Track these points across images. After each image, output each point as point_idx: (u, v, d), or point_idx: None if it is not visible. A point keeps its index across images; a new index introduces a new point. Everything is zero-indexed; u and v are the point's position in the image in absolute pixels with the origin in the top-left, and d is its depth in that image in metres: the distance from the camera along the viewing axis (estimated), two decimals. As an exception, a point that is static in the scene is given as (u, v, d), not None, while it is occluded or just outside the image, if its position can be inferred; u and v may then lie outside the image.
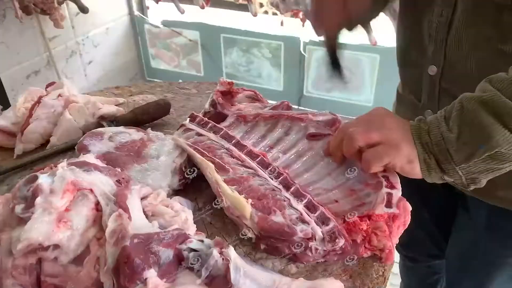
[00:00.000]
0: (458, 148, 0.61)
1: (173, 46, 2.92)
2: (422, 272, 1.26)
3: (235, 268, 0.51)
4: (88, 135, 0.78)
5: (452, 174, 0.63)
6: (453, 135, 0.61)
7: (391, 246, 0.62)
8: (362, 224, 0.61)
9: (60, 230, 0.53)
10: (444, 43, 0.77)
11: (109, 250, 0.52)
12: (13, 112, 0.85)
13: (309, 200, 0.64)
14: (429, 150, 0.63)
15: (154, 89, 1.10)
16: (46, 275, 0.52)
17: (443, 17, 0.76)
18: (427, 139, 0.63)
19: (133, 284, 0.48)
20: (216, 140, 0.76)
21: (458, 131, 0.61)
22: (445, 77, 0.80)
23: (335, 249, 0.60)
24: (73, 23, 2.38)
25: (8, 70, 2.07)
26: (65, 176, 0.57)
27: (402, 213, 0.63)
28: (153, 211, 0.60)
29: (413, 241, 1.16)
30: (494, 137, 0.58)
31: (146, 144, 0.77)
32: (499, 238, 0.89)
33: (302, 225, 0.60)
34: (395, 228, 0.62)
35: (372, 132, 0.66)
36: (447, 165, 0.62)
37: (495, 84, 0.60)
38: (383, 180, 0.66)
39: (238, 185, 0.66)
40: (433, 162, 0.63)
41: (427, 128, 0.64)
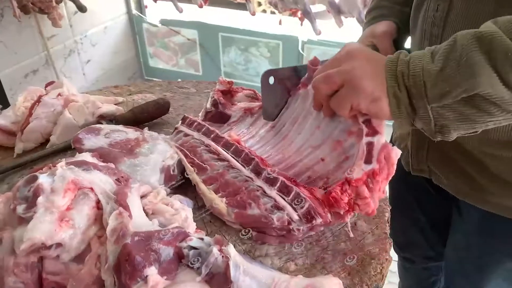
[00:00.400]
0: (436, 84, 0.55)
1: (172, 45, 2.92)
2: (419, 273, 1.26)
3: (235, 266, 0.52)
4: (85, 129, 0.78)
5: (422, 115, 0.57)
6: (436, 68, 0.54)
7: (373, 209, 0.62)
8: (343, 197, 0.60)
9: (62, 229, 0.53)
10: (439, 39, 0.75)
11: (110, 248, 0.52)
12: (12, 111, 0.85)
13: (281, 183, 0.64)
14: (403, 82, 0.57)
15: (153, 88, 1.10)
16: (48, 273, 0.52)
17: (439, 12, 0.74)
18: (404, 69, 0.56)
19: (134, 281, 0.49)
20: (197, 138, 0.78)
21: (442, 64, 0.54)
22: None
23: (317, 225, 0.62)
24: (71, 22, 2.38)
25: (6, 70, 2.07)
26: (65, 175, 0.58)
27: (383, 166, 0.60)
28: (153, 209, 0.61)
29: (409, 243, 1.17)
30: (479, 76, 0.52)
31: (140, 143, 0.77)
32: (491, 242, 0.89)
33: (278, 212, 0.62)
34: (377, 185, 0.61)
35: (332, 76, 0.61)
36: (419, 101, 0.56)
37: (500, 23, 0.53)
38: (363, 127, 0.62)
39: (215, 183, 0.69)
40: (405, 97, 0.57)
41: (408, 59, 0.57)
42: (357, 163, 0.61)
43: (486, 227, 0.88)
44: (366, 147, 0.61)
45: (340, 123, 0.68)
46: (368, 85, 0.58)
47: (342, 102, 0.61)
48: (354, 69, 0.59)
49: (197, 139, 0.78)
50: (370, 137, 0.61)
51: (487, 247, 0.90)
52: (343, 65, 0.61)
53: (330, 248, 0.64)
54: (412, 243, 1.17)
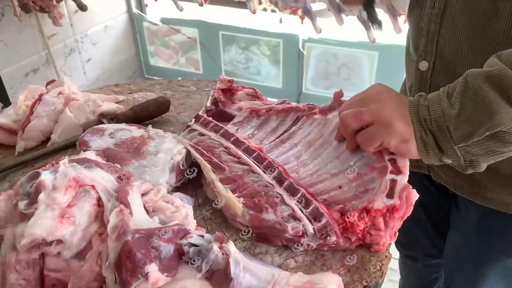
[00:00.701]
0: (458, 126, 0.57)
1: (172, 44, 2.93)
2: (420, 270, 1.27)
3: (235, 263, 0.52)
4: (89, 131, 0.78)
5: (450, 155, 0.60)
6: (454, 111, 0.57)
7: (384, 243, 0.63)
8: (359, 225, 0.61)
9: (63, 225, 0.54)
10: (436, 36, 0.76)
11: (111, 245, 0.53)
12: (13, 109, 0.86)
13: (302, 194, 0.64)
14: (427, 127, 0.60)
15: (153, 87, 1.10)
16: (49, 270, 0.53)
17: (435, 9, 0.74)
18: (425, 115, 0.59)
19: (134, 278, 0.49)
20: (215, 139, 0.77)
21: (459, 107, 0.57)
22: (436, 72, 0.79)
23: (327, 244, 0.62)
24: (71, 21, 2.38)
25: (7, 68, 2.07)
26: (67, 172, 0.58)
27: (403, 204, 0.62)
28: (153, 207, 0.61)
29: (411, 240, 1.17)
30: (498, 114, 0.55)
31: (146, 141, 0.77)
32: (490, 240, 0.89)
33: (294, 222, 0.61)
34: (393, 221, 0.62)
35: (363, 113, 0.64)
36: (446, 144, 0.59)
37: (504, 59, 0.56)
38: (388, 165, 0.64)
39: (233, 184, 0.68)
40: (431, 140, 0.60)
41: (427, 103, 0.60)
42: (379, 195, 0.62)
43: (485, 226, 0.88)
44: (390, 183, 0.62)
45: (362, 157, 0.69)
46: (399, 125, 0.61)
47: (372, 138, 0.63)
48: (385, 109, 0.62)
49: (214, 140, 0.77)
50: (394, 175, 0.63)
51: (485, 245, 0.91)
52: (373, 105, 0.63)
53: (330, 245, 0.64)
54: (414, 241, 1.18)
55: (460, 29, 0.73)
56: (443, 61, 0.77)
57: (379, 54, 2.37)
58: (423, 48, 0.79)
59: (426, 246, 1.17)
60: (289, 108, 0.82)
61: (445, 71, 0.78)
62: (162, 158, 0.74)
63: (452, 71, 0.76)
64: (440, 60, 0.78)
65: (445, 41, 0.75)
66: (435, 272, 1.25)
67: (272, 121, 0.82)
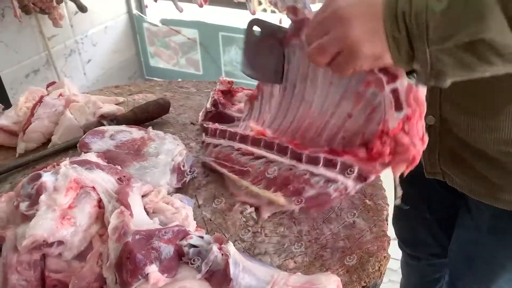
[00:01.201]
0: (440, 24, 0.50)
1: (172, 45, 2.93)
2: (423, 270, 1.27)
3: (234, 263, 0.53)
4: (90, 133, 0.79)
5: (420, 58, 0.54)
6: (441, 6, 0.50)
7: (417, 153, 0.59)
8: (385, 150, 0.59)
9: (64, 226, 0.54)
10: None
11: (111, 246, 0.53)
12: (14, 111, 0.86)
13: (324, 159, 0.65)
14: (404, 21, 0.52)
15: (153, 88, 1.11)
16: (50, 271, 0.53)
17: None
18: (405, 7, 0.51)
19: (135, 279, 0.50)
20: (226, 145, 0.78)
21: (448, 3, 0.50)
22: None
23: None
24: (71, 22, 2.39)
25: (8, 69, 2.07)
26: (68, 174, 0.59)
27: (415, 108, 0.57)
28: (154, 208, 0.61)
29: (416, 240, 1.17)
30: (487, 18, 0.48)
31: (146, 142, 0.78)
32: (502, 240, 0.89)
33: (332, 184, 0.63)
34: (413, 128, 0.58)
35: (325, 47, 0.58)
36: (419, 43, 0.52)
37: None
38: (381, 76, 0.59)
39: (262, 181, 0.70)
40: (404, 38, 0.53)
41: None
42: (388, 112, 0.59)
43: (498, 225, 0.87)
44: (392, 95, 0.58)
45: (352, 75, 0.62)
46: (368, 47, 0.55)
47: (343, 68, 0.58)
48: (349, 32, 0.54)
49: (226, 146, 0.78)
50: (392, 84, 0.58)
51: (498, 244, 0.90)
52: (334, 31, 0.56)
53: (329, 246, 0.65)
54: (419, 241, 1.17)
55: None
56: None
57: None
58: None
59: (430, 245, 1.17)
60: None
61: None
62: (162, 160, 0.74)
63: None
64: None
65: None
66: (438, 272, 1.24)
67: (268, 87, 0.82)
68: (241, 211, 0.70)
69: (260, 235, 0.67)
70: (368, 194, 0.74)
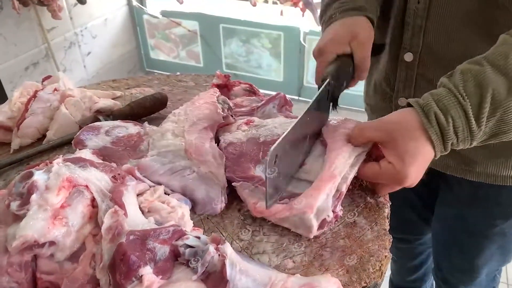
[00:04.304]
0: (481, 139, 0.60)
1: (172, 37, 2.91)
2: (414, 249, 1.29)
3: (231, 265, 0.51)
4: (84, 129, 0.77)
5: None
6: (481, 132, 0.59)
7: None
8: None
9: (55, 227, 0.53)
10: (422, 29, 0.77)
11: (105, 247, 0.52)
12: (8, 106, 0.84)
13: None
14: (449, 144, 0.61)
15: (151, 82, 1.09)
16: (42, 272, 0.52)
17: (421, 4, 0.75)
18: (453, 140, 0.60)
19: (128, 281, 0.48)
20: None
21: (488, 129, 0.59)
22: (422, 62, 0.81)
23: None
24: (71, 14, 2.37)
25: (6, 63, 2.06)
26: (60, 172, 0.57)
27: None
28: (149, 207, 0.60)
29: (403, 222, 1.18)
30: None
31: (143, 138, 0.76)
32: (484, 209, 0.92)
33: None
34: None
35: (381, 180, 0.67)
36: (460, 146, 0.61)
37: None
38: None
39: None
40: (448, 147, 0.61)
41: (451, 128, 0.59)
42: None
43: (478, 196, 0.91)
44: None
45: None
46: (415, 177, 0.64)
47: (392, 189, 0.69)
48: (409, 177, 0.63)
49: None
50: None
51: (481, 213, 0.93)
52: (397, 168, 0.62)
53: (328, 245, 0.63)
54: (406, 222, 1.19)
55: (448, 22, 0.74)
56: (431, 52, 0.79)
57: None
58: (408, 42, 0.80)
59: (417, 224, 1.19)
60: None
61: (432, 62, 0.79)
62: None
63: (442, 62, 0.78)
64: (426, 52, 0.79)
65: (432, 35, 0.77)
66: (428, 248, 1.27)
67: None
68: (238, 209, 0.69)
69: (259, 234, 0.65)
70: (369, 191, 0.73)
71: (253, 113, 0.84)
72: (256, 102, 0.87)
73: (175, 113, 0.78)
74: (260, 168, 0.70)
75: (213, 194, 0.66)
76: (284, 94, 0.85)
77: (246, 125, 0.77)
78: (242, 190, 0.67)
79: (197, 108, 0.77)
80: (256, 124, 0.77)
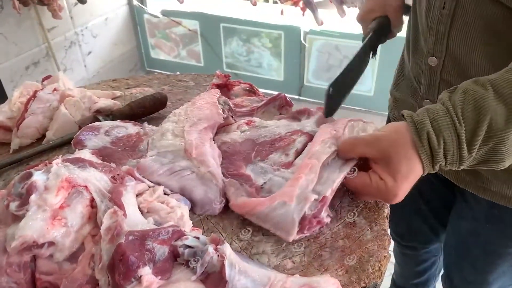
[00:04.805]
0: (471, 163, 0.59)
1: (173, 36, 2.91)
2: (419, 257, 1.29)
3: (230, 265, 0.51)
4: (84, 129, 0.77)
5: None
6: (471, 158, 0.57)
7: None
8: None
9: (54, 227, 0.53)
10: (446, 36, 0.75)
11: (104, 247, 0.52)
12: (8, 106, 0.84)
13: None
14: (438, 164, 0.59)
15: (151, 82, 1.09)
16: (41, 273, 0.52)
17: (445, 10, 0.73)
18: (441, 161, 0.58)
19: (127, 281, 0.48)
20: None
21: (479, 155, 0.57)
22: (446, 68, 0.78)
23: None
24: (71, 14, 2.36)
25: (7, 62, 2.06)
26: (59, 173, 0.57)
27: None
28: (148, 208, 0.60)
29: (412, 231, 1.18)
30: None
31: (142, 138, 0.76)
32: (500, 228, 0.89)
33: None
34: None
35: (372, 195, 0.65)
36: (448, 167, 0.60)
37: None
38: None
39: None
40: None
41: (442, 151, 0.58)
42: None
43: (495, 214, 0.88)
44: None
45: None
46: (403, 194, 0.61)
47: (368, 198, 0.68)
48: (399, 196, 0.61)
49: None
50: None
51: (495, 233, 0.91)
52: (389, 186, 0.60)
53: (328, 245, 0.63)
54: (415, 232, 1.19)
55: (472, 33, 0.71)
56: (454, 60, 0.76)
57: (381, 46, 2.33)
58: (432, 46, 0.79)
59: (426, 234, 1.18)
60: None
61: (456, 69, 0.77)
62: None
63: (464, 70, 0.75)
64: (451, 60, 0.77)
65: (456, 42, 0.74)
66: (433, 256, 1.27)
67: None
68: (238, 209, 0.68)
69: (258, 234, 0.65)
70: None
71: (253, 113, 0.84)
72: (256, 102, 0.87)
73: (175, 113, 0.78)
74: (251, 168, 0.70)
75: (211, 195, 0.66)
76: (284, 95, 0.85)
77: (247, 125, 0.77)
78: (229, 186, 0.67)
79: (198, 108, 0.77)
80: (257, 125, 0.77)
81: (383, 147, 0.60)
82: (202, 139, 0.71)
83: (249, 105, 0.86)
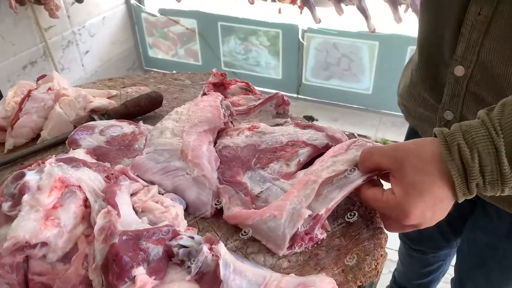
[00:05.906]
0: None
1: (170, 35, 2.90)
2: (427, 260, 1.29)
3: (225, 265, 0.51)
4: (79, 129, 0.77)
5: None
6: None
7: None
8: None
9: (47, 227, 0.52)
10: (478, 45, 0.69)
11: (97, 247, 0.51)
12: (2, 106, 0.84)
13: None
14: (475, 186, 0.52)
15: (147, 81, 1.09)
16: (34, 273, 0.51)
17: (481, 16, 0.67)
18: (479, 181, 0.51)
19: (121, 282, 0.48)
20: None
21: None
22: (474, 79, 0.73)
23: None
24: (68, 13, 2.36)
25: (4, 62, 2.06)
26: (52, 172, 0.57)
27: None
28: (143, 207, 0.60)
29: (423, 236, 1.18)
30: None
31: (137, 137, 0.76)
32: None
33: None
34: None
35: (405, 226, 0.59)
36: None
37: None
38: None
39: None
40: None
41: (478, 167, 0.50)
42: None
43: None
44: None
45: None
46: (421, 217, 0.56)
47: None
48: (411, 214, 0.54)
49: None
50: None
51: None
52: (398, 200, 0.55)
53: (324, 244, 0.63)
54: (427, 238, 1.19)
55: (509, 43, 0.66)
56: (485, 71, 0.71)
57: (379, 44, 2.33)
58: (461, 54, 0.73)
59: (437, 241, 1.18)
60: None
61: (485, 81, 0.71)
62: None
63: (495, 82, 0.70)
64: (480, 70, 0.71)
65: (490, 53, 0.69)
66: (441, 260, 1.27)
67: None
68: (234, 208, 0.68)
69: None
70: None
71: (250, 112, 0.83)
72: (253, 100, 0.87)
73: (177, 111, 0.77)
74: (249, 174, 0.69)
75: (204, 198, 0.66)
76: (281, 94, 0.85)
77: (249, 131, 0.76)
78: (224, 193, 0.66)
79: (200, 110, 0.76)
80: (261, 131, 0.76)
81: (400, 156, 0.55)
82: (200, 141, 0.70)
83: (245, 104, 0.86)
